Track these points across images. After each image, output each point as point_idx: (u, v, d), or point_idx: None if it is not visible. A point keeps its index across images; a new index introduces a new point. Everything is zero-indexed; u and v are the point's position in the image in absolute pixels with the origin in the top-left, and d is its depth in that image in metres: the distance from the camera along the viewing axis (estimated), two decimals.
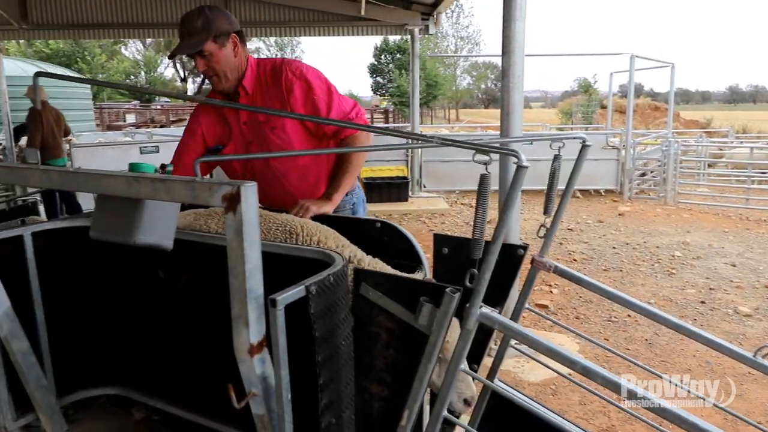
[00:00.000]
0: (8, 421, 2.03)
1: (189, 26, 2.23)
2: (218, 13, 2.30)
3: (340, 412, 1.44)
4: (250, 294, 1.21)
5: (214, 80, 2.37)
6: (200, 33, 2.23)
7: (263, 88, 2.39)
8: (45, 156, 6.84)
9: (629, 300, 1.60)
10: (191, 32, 2.24)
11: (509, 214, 1.13)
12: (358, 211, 2.60)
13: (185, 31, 2.25)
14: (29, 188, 4.90)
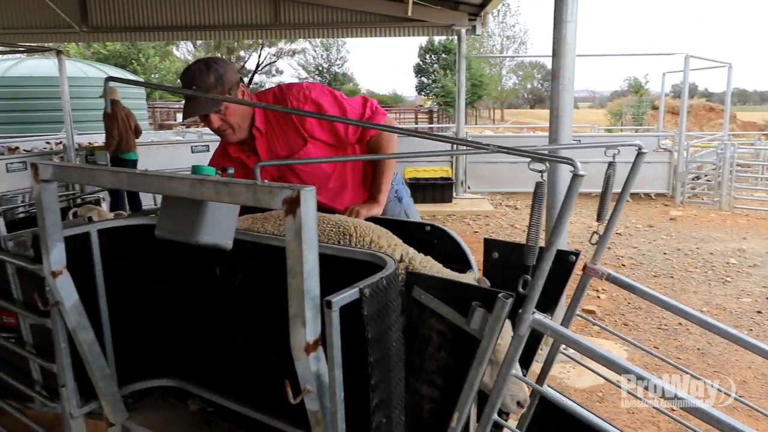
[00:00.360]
0: (74, 408, 2.14)
1: (202, 83, 2.15)
2: (225, 65, 2.26)
3: (390, 412, 1.47)
4: (308, 294, 1.26)
5: (228, 133, 2.30)
6: (215, 89, 2.17)
7: (274, 123, 2.35)
8: (119, 150, 7.31)
9: (685, 310, 1.57)
10: (206, 88, 2.16)
11: (564, 221, 1.13)
12: (402, 197, 2.62)
13: (198, 88, 2.16)
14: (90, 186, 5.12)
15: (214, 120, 2.23)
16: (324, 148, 2.37)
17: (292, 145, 2.34)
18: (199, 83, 2.14)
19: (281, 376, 1.43)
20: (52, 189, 1.79)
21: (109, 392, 2.08)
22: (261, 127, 2.34)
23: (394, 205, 2.58)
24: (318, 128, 2.32)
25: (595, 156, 4.58)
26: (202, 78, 2.14)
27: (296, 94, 2.29)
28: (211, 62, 2.22)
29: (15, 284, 2.55)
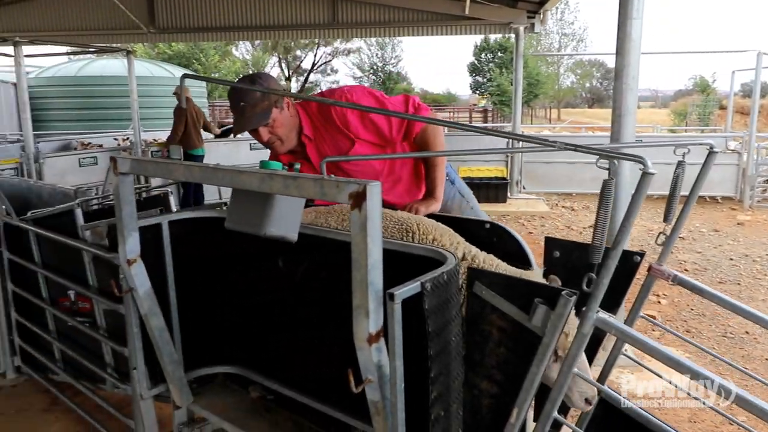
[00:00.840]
0: (144, 390, 2.26)
1: (249, 98, 2.21)
2: (269, 79, 2.32)
3: (448, 406, 1.49)
4: (371, 286, 1.29)
5: (276, 145, 2.37)
6: (262, 102, 2.23)
7: (321, 129, 2.40)
8: (187, 146, 7.66)
9: (763, 317, 1.52)
10: (253, 103, 2.22)
11: (631, 220, 1.12)
12: (454, 180, 2.64)
13: (246, 104, 2.21)
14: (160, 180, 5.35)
15: (263, 133, 2.31)
16: (371, 148, 2.41)
17: (341, 148, 2.38)
18: (247, 98, 2.21)
19: (341, 368, 1.47)
20: (129, 181, 1.89)
21: (176, 376, 2.18)
22: (310, 135, 2.40)
23: (447, 188, 2.59)
24: (362, 129, 2.34)
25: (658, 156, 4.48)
26: (251, 93, 2.21)
27: (338, 98, 2.33)
28: (257, 78, 2.29)
29: (91, 271, 2.70)
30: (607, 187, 1.14)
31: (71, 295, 2.91)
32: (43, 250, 3.05)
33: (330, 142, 2.40)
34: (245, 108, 2.23)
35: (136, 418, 2.37)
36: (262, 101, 2.23)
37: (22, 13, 10.41)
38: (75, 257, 2.77)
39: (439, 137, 2.40)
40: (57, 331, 3.13)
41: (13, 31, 10.22)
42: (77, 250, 2.71)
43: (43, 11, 10.37)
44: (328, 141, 2.40)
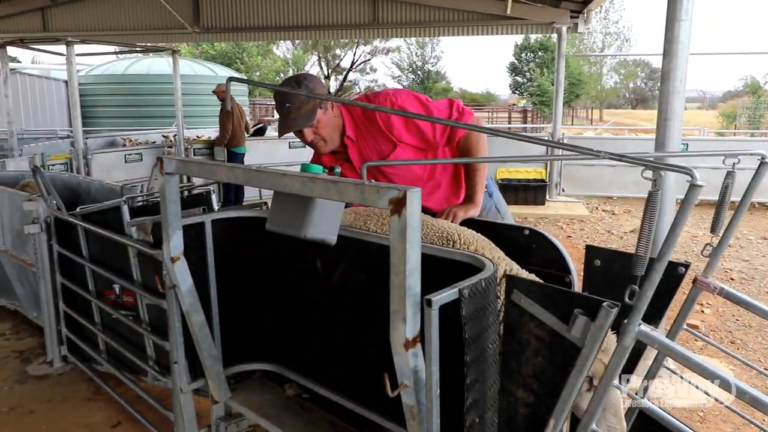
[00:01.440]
0: (184, 384, 2.31)
1: (295, 100, 2.24)
2: (314, 80, 2.35)
3: (483, 413, 1.49)
4: (409, 291, 1.30)
5: (320, 145, 2.39)
6: (307, 103, 2.26)
7: (364, 131, 2.40)
8: (231, 144, 7.87)
9: None
10: (299, 105, 2.25)
11: (677, 232, 1.10)
12: (493, 192, 2.61)
13: (292, 105, 2.25)
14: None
15: (308, 134, 2.33)
16: (413, 152, 2.40)
17: (383, 150, 2.38)
18: (293, 100, 2.24)
19: (377, 370, 1.48)
20: (174, 181, 1.94)
21: (215, 372, 2.23)
22: (352, 136, 2.41)
23: (485, 200, 2.57)
24: (405, 132, 2.34)
25: (704, 161, 4.32)
26: (294, 96, 2.24)
27: (383, 101, 2.34)
28: (302, 79, 2.33)
29: (135, 267, 2.79)
30: (652, 198, 1.11)
31: (116, 288, 3.01)
32: (90, 245, 3.16)
33: (372, 144, 2.41)
34: (291, 109, 2.26)
35: (176, 411, 2.43)
36: (306, 102, 2.26)
37: (74, 14, 10.78)
38: (121, 252, 2.86)
39: (482, 142, 2.39)
40: (102, 323, 3.24)
41: (64, 30, 10.60)
42: (123, 246, 2.80)
43: (93, 12, 10.71)
44: (370, 143, 2.41)
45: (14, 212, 3.92)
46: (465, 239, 1.74)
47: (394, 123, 2.32)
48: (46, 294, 3.56)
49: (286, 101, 2.25)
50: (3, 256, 4.13)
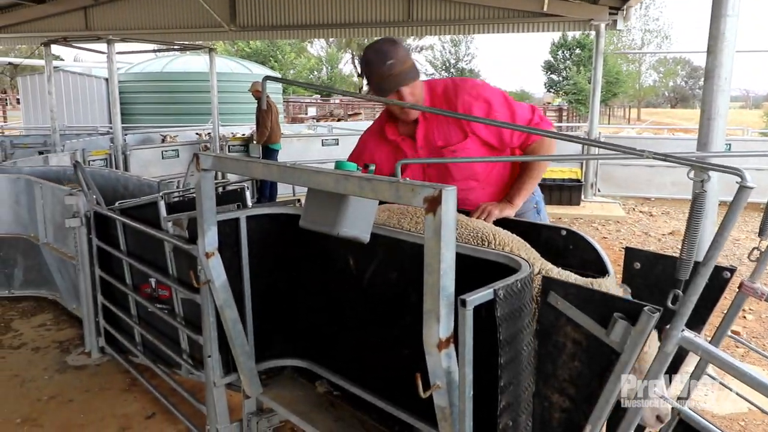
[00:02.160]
0: (217, 378, 2.34)
1: (397, 56, 2.12)
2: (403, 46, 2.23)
3: (517, 416, 1.46)
4: (443, 291, 1.28)
5: (406, 111, 2.26)
6: (409, 58, 2.16)
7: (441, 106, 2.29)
8: (268, 141, 7.97)
9: None
10: (403, 60, 2.13)
11: (725, 235, 1.05)
12: (541, 210, 2.55)
13: (395, 60, 2.11)
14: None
15: (406, 93, 2.17)
16: (481, 147, 2.29)
17: (451, 137, 2.26)
18: (396, 56, 2.11)
19: (409, 369, 1.47)
20: (210, 177, 1.96)
21: (247, 367, 2.25)
22: (427, 114, 2.28)
23: (532, 216, 2.47)
24: (483, 127, 2.23)
25: (748, 162, 4.17)
26: (396, 51, 2.12)
27: (470, 89, 2.24)
28: (394, 39, 2.23)
29: (171, 261, 2.83)
30: (699, 199, 1.07)
31: (152, 282, 3.06)
32: (128, 238, 3.23)
33: (442, 130, 2.29)
34: (394, 65, 2.10)
35: (209, 405, 2.46)
36: (408, 58, 2.15)
37: (115, 13, 11.04)
38: (157, 247, 2.91)
39: (552, 151, 2.34)
40: (138, 316, 3.31)
41: (106, 29, 10.87)
42: (159, 240, 2.84)
43: (134, 10, 10.95)
44: (440, 127, 2.29)
45: (56, 206, 4.03)
46: (500, 240, 1.71)
47: (475, 113, 2.20)
48: (84, 286, 3.65)
49: (389, 58, 2.10)
50: (45, 248, 4.26)
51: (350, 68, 43.10)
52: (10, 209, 4.52)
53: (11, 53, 29.68)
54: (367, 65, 2.17)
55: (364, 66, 2.21)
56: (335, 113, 27.37)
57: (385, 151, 2.40)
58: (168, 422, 2.99)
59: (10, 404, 3.17)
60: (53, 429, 2.95)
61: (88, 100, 14.34)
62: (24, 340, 4.01)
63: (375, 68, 2.13)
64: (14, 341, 4.00)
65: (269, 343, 2.40)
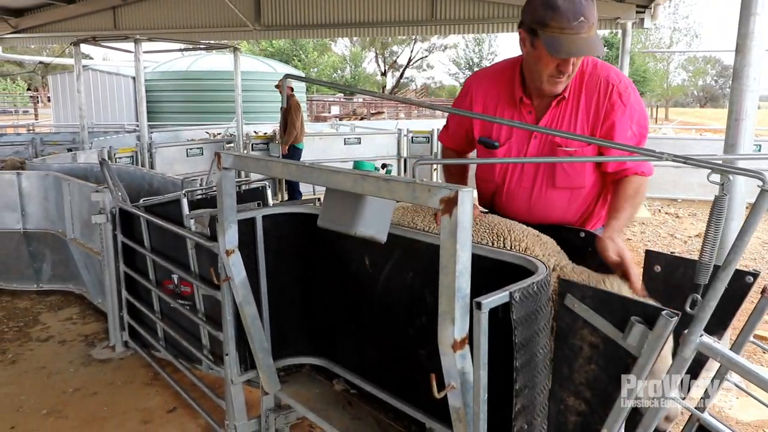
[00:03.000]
0: (234, 375, 2.37)
1: (591, 17, 1.69)
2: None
3: (532, 419, 1.45)
4: (458, 293, 1.28)
5: (561, 82, 1.83)
6: (595, 26, 1.73)
7: (577, 98, 1.90)
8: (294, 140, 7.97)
9: None
10: (592, 25, 1.69)
11: (746, 239, 1.03)
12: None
13: (585, 22, 1.67)
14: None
15: (577, 64, 1.80)
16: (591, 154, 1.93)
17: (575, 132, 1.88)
18: (588, 15, 1.67)
19: (424, 369, 1.47)
20: (231, 176, 1.98)
21: (265, 364, 2.27)
22: (567, 97, 1.89)
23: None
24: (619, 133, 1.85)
25: None
26: (591, 10, 1.68)
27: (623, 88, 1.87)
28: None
29: (193, 258, 2.87)
30: (719, 203, 1.05)
31: (175, 278, 3.11)
32: (152, 235, 3.28)
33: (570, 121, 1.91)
34: (584, 26, 1.67)
35: (227, 401, 2.49)
36: (596, 21, 1.71)
37: (142, 12, 11.22)
38: (180, 243, 2.95)
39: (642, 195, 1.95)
40: (161, 311, 3.36)
41: (133, 28, 11.05)
42: (182, 237, 2.88)
43: (161, 10, 11.13)
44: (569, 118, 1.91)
45: (83, 203, 4.12)
46: (515, 236, 1.69)
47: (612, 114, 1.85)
48: (109, 281, 3.73)
49: (581, 15, 1.65)
50: (72, 244, 4.35)
51: (374, 67, 43.15)
52: (39, 205, 4.63)
53: (44, 52, 30.40)
54: (551, 8, 1.68)
55: (544, 7, 1.69)
56: (358, 112, 27.43)
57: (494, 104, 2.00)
58: (189, 417, 3.04)
59: (37, 396, 3.25)
60: (77, 421, 3.02)
61: (116, 99, 14.62)
62: (51, 333, 4.11)
63: (564, 18, 1.66)
64: (42, 334, 4.10)
65: (287, 342, 2.43)
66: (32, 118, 24.43)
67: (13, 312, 4.50)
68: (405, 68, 42.86)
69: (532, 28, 1.75)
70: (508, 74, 2.00)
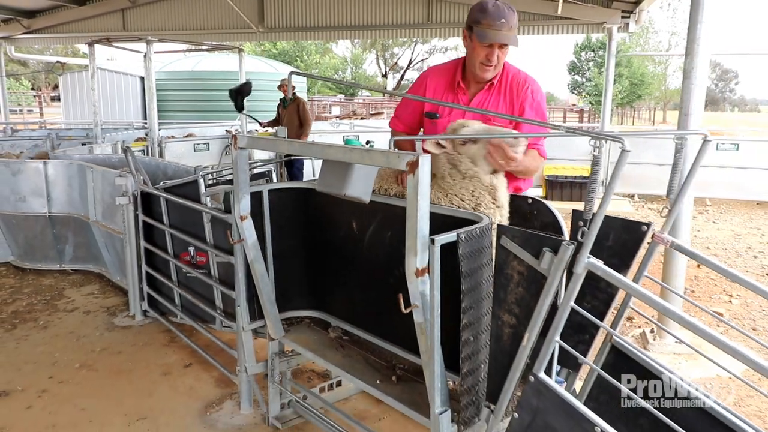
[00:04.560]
0: (246, 323, 2.82)
1: (511, 21, 2.37)
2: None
3: (478, 333, 1.90)
4: (419, 232, 1.73)
5: (489, 69, 2.47)
6: (514, 28, 2.41)
7: (501, 88, 2.56)
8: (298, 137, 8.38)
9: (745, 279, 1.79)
10: (511, 26, 2.38)
11: (613, 186, 1.48)
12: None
13: (505, 23, 2.35)
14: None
15: (500, 53, 2.44)
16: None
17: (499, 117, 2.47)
18: (510, 20, 2.37)
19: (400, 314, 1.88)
20: (245, 154, 2.43)
21: (272, 313, 2.72)
22: (496, 83, 2.54)
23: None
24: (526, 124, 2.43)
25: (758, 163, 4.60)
26: (511, 17, 2.38)
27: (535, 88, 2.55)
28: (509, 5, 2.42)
29: (208, 230, 3.32)
30: (596, 162, 1.50)
31: (191, 250, 3.56)
32: (170, 214, 3.73)
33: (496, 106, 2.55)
34: (504, 25, 2.37)
35: (239, 348, 2.94)
36: (515, 27, 2.41)
37: (150, 14, 11.69)
38: (196, 220, 3.40)
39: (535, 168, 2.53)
40: (178, 281, 3.81)
41: (141, 30, 11.52)
42: (198, 214, 3.33)
43: (168, 12, 11.59)
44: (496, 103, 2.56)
45: (105, 188, 4.57)
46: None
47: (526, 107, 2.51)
48: (130, 256, 4.17)
49: (502, 17, 2.35)
50: (94, 226, 4.80)
51: (374, 69, 43.61)
52: (63, 192, 5.08)
53: (46, 52, 30.88)
54: (482, 12, 2.38)
55: (478, 11, 2.40)
56: (358, 112, 27.84)
57: (442, 88, 2.64)
58: (203, 370, 3.49)
59: (69, 354, 3.70)
60: (106, 373, 3.47)
61: (123, 97, 15.07)
62: (76, 305, 4.56)
63: (491, 18, 2.36)
64: (68, 306, 4.55)
65: (289, 297, 2.87)
66: (37, 116, 24.89)
67: (39, 288, 4.96)
68: (405, 70, 43.33)
69: (470, 25, 2.46)
70: (452, 67, 2.69)
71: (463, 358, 1.87)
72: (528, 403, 1.75)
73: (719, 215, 8.96)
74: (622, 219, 1.97)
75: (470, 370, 1.90)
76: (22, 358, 3.65)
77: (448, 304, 1.84)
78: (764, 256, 6.64)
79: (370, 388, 2.34)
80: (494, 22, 2.35)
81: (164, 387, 3.31)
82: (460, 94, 2.62)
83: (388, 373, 2.43)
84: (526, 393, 1.75)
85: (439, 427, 1.88)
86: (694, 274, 5.76)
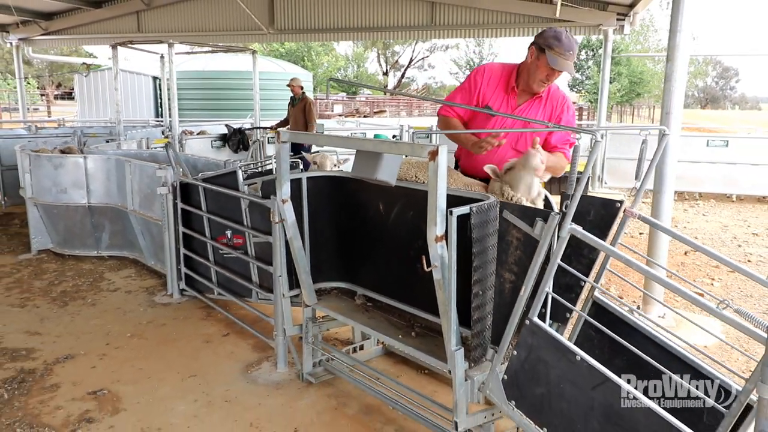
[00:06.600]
0: (285, 290, 3.29)
1: (575, 53, 2.80)
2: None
3: (485, 289, 2.37)
4: (438, 206, 2.20)
5: (545, 86, 2.90)
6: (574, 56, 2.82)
7: (543, 100, 2.98)
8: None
9: (694, 243, 2.25)
10: (575, 55, 2.81)
11: (588, 170, 1.94)
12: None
13: (572, 54, 2.77)
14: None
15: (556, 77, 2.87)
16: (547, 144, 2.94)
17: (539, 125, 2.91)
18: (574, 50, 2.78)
19: (420, 279, 2.34)
20: (287, 147, 2.90)
21: (307, 283, 3.19)
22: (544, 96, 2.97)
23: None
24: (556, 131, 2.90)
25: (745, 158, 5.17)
26: (576, 48, 2.81)
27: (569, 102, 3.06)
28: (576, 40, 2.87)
29: (246, 215, 3.79)
30: (575, 150, 1.97)
31: (228, 233, 4.03)
32: (208, 202, 4.20)
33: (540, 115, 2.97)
34: (570, 56, 2.77)
35: (277, 313, 3.41)
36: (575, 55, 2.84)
37: (164, 17, 12.16)
38: (233, 206, 3.87)
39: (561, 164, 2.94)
40: (215, 261, 4.28)
41: (156, 32, 12.00)
42: (235, 200, 3.80)
43: (182, 14, 12.05)
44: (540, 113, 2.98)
45: (143, 179, 5.04)
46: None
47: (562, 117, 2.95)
48: (169, 241, 4.64)
49: (572, 49, 2.77)
50: (132, 214, 5.27)
51: (375, 66, 44.09)
52: (102, 184, 5.55)
53: (50, 51, 31.30)
54: (557, 40, 2.75)
55: (553, 38, 2.76)
56: (361, 110, 28.29)
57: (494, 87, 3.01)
58: (240, 338, 3.96)
59: (120, 325, 4.18)
60: (155, 341, 3.94)
61: (137, 96, 15.55)
62: (117, 286, 5.04)
63: (564, 48, 2.75)
64: (110, 286, 5.02)
65: (321, 269, 3.34)
66: (44, 114, 25.38)
67: (80, 272, 5.43)
68: (406, 68, 43.83)
69: (541, 47, 2.80)
70: (508, 72, 3.03)
71: (474, 307, 2.34)
72: (524, 342, 2.22)
73: (709, 209, 9.42)
74: (600, 198, 2.44)
75: (479, 318, 2.37)
76: (78, 329, 4.13)
77: (458, 274, 2.31)
78: (748, 245, 7.11)
79: (393, 341, 2.80)
80: (565, 52, 2.74)
81: (207, 352, 3.78)
82: (512, 97, 2.99)
83: (408, 331, 2.89)
84: (523, 334, 2.22)
85: (455, 361, 2.35)
86: (680, 261, 6.23)
